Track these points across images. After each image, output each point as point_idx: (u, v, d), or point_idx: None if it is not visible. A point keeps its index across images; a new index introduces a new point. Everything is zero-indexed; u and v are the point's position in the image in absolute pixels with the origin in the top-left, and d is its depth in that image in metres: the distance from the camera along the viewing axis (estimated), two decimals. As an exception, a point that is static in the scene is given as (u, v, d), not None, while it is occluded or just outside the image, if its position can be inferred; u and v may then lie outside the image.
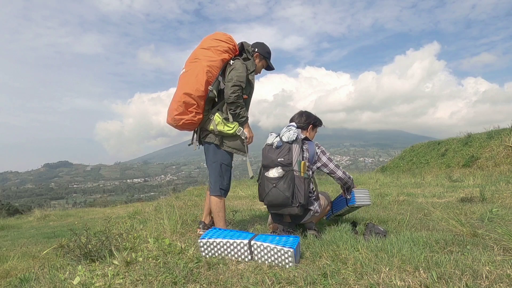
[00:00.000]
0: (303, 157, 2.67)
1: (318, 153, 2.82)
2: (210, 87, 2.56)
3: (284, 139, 2.63)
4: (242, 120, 2.66)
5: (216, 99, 2.69)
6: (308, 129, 2.95)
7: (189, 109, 2.55)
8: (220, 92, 2.66)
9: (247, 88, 2.71)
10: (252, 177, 2.87)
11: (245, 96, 2.67)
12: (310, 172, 2.70)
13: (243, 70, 2.60)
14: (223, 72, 2.68)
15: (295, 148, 2.60)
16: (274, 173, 2.60)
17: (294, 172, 2.55)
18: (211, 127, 2.62)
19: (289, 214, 2.61)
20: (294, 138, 2.61)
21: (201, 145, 2.84)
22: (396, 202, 4.57)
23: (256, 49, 2.80)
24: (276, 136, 2.70)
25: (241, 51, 2.79)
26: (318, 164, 2.83)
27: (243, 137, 2.68)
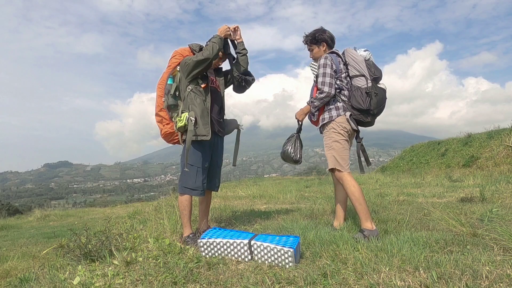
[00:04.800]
0: None
1: None
2: (163, 98, 2.78)
3: (369, 56, 2.80)
4: (212, 52, 2.68)
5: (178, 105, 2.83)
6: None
7: (163, 123, 2.83)
8: (176, 98, 2.80)
9: (203, 78, 2.79)
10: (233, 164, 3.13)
11: (204, 85, 2.75)
12: None
13: (188, 56, 2.76)
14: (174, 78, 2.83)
15: None
16: (384, 85, 2.77)
17: None
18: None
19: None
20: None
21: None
22: (396, 202, 4.56)
23: (208, 42, 2.83)
24: (365, 50, 2.81)
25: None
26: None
27: (192, 120, 2.66)
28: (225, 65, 3.06)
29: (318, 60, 2.84)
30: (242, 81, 2.96)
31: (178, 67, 2.81)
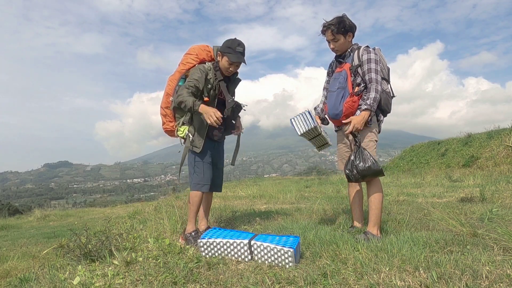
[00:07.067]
0: None
1: None
2: (171, 98, 2.75)
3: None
4: (186, 110, 2.60)
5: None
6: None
7: (166, 119, 2.85)
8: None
9: (211, 90, 2.72)
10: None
11: (206, 98, 2.69)
12: None
13: (197, 73, 2.66)
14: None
15: None
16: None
17: None
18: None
19: None
20: None
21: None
22: (396, 202, 4.57)
23: (219, 48, 2.76)
24: None
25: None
26: None
27: (190, 137, 2.70)
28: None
29: (353, 52, 2.63)
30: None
31: (192, 69, 2.73)
